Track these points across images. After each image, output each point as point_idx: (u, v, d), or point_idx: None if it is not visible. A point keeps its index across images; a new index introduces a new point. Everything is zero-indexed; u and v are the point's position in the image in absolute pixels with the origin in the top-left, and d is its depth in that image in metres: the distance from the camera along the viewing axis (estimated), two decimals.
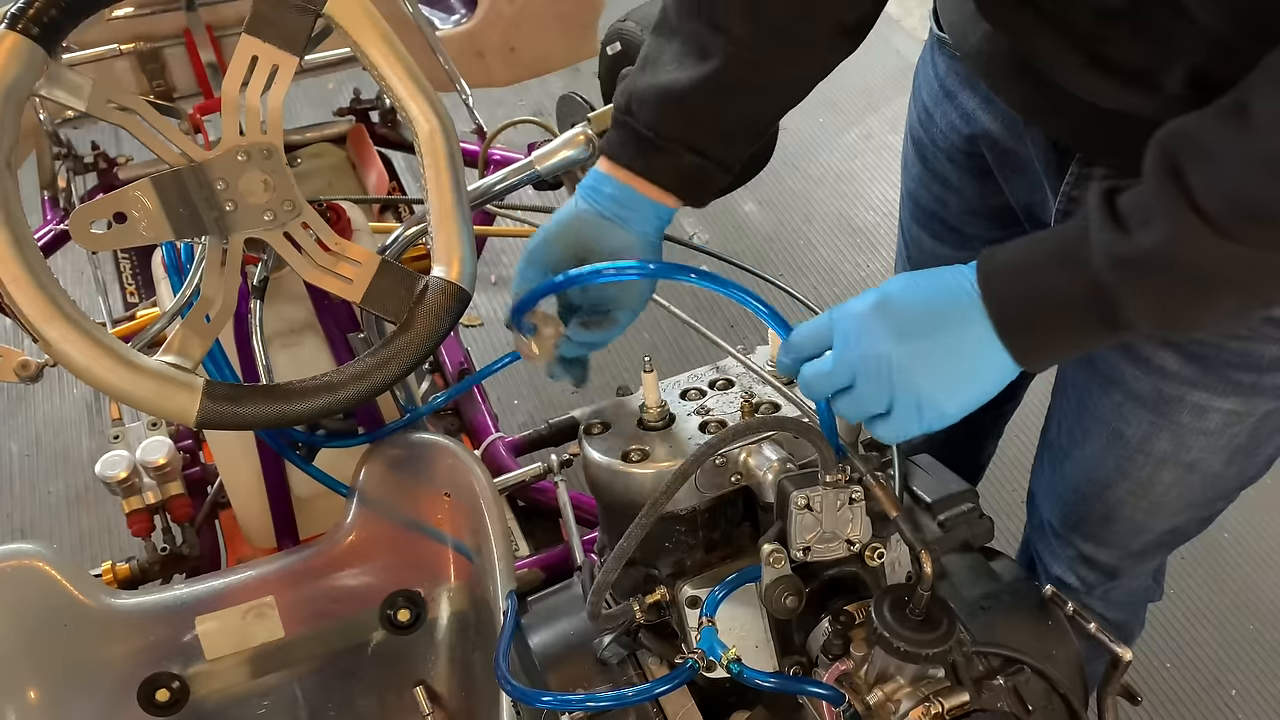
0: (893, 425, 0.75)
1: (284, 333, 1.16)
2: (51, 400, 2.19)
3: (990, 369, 0.72)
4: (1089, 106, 0.79)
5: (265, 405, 0.85)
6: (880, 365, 0.72)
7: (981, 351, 0.71)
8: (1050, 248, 0.69)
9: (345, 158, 1.80)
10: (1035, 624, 0.96)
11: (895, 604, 0.75)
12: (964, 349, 0.71)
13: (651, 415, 0.91)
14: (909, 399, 0.73)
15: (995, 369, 0.72)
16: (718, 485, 0.88)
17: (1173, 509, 1.05)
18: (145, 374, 0.81)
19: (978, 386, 0.72)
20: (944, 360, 0.72)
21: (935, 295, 0.72)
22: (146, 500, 1.27)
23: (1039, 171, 0.92)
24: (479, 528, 1.10)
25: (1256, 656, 1.85)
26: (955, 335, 0.71)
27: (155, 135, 0.85)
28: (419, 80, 0.94)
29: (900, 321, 0.72)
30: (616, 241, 0.91)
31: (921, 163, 1.11)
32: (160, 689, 1.07)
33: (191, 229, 0.86)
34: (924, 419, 0.74)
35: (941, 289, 0.72)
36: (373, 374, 0.90)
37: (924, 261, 1.19)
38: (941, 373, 0.72)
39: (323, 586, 1.13)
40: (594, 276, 0.87)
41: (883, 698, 0.76)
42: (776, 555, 0.80)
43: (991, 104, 0.96)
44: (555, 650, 0.95)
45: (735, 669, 0.77)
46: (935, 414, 0.73)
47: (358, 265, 0.91)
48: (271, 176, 0.89)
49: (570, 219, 0.93)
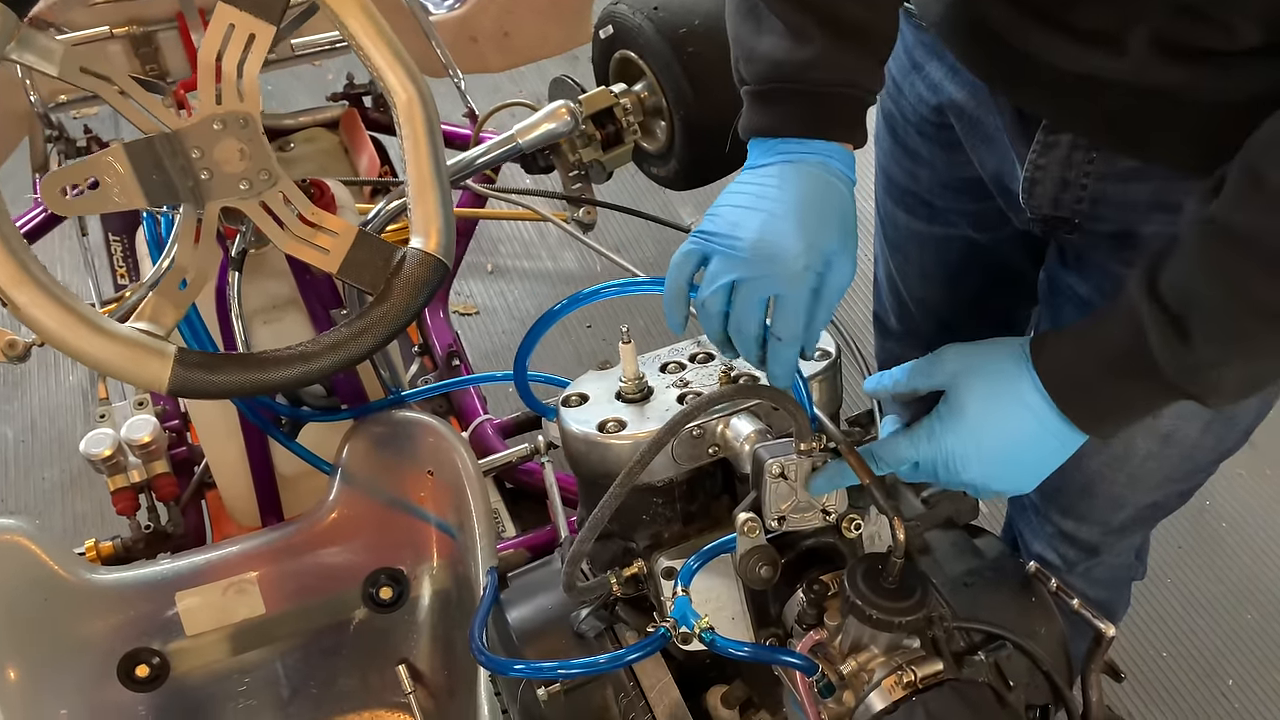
0: None
1: (266, 308, 1.16)
2: (47, 385, 2.19)
3: (1062, 454, 0.78)
4: (1054, 72, 0.78)
5: (239, 373, 0.84)
6: (972, 488, 0.80)
7: (1060, 449, 0.78)
8: (1111, 356, 0.73)
9: (338, 142, 1.79)
10: (1018, 600, 0.95)
11: (869, 572, 0.74)
12: (1045, 456, 0.78)
13: (629, 387, 0.90)
14: (998, 493, 0.81)
15: (1065, 452, 0.78)
16: (695, 457, 0.87)
17: (1151, 481, 1.04)
18: (116, 340, 0.80)
19: (1049, 468, 0.79)
20: (1025, 471, 0.79)
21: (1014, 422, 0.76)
22: (131, 479, 1.27)
23: (1006, 141, 0.91)
24: (461, 505, 1.10)
25: (1254, 646, 1.84)
26: (1037, 448, 0.77)
27: (129, 102, 0.85)
28: (397, 50, 0.93)
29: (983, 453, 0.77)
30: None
31: (892, 136, 1.10)
32: (140, 664, 1.07)
33: (165, 196, 0.85)
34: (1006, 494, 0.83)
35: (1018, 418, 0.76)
36: (349, 344, 0.89)
37: (899, 238, 1.19)
38: (1018, 474, 0.79)
39: (304, 563, 1.13)
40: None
41: (856, 667, 0.75)
42: (751, 524, 0.79)
43: (958, 73, 0.95)
44: (533, 625, 0.94)
45: (708, 638, 0.76)
46: (1013, 492, 0.81)
47: (334, 236, 0.91)
48: (248, 145, 0.88)
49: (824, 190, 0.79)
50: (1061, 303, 0.97)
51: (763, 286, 0.75)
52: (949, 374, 0.78)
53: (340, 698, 1.14)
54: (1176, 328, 0.68)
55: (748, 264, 0.75)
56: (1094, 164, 0.85)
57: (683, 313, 0.81)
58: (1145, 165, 0.82)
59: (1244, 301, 0.66)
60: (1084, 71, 0.76)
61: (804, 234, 0.74)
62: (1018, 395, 0.75)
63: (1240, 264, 0.65)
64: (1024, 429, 0.75)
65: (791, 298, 0.75)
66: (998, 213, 1.00)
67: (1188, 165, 0.78)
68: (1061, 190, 0.88)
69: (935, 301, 1.20)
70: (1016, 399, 0.75)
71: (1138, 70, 0.71)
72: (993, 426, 0.76)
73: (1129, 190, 0.84)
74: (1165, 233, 0.84)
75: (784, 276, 0.74)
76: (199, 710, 1.11)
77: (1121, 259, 0.89)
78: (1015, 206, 0.94)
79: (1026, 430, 0.75)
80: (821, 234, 0.75)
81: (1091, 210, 0.87)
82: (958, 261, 1.14)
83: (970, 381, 0.77)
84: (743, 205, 0.77)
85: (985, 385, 0.76)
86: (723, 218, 0.77)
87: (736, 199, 0.78)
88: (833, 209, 0.76)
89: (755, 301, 0.75)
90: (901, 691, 0.72)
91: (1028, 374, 0.75)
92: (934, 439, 0.77)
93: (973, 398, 0.76)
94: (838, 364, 0.93)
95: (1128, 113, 0.77)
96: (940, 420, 0.77)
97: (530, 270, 2.48)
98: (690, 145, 1.65)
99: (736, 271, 0.75)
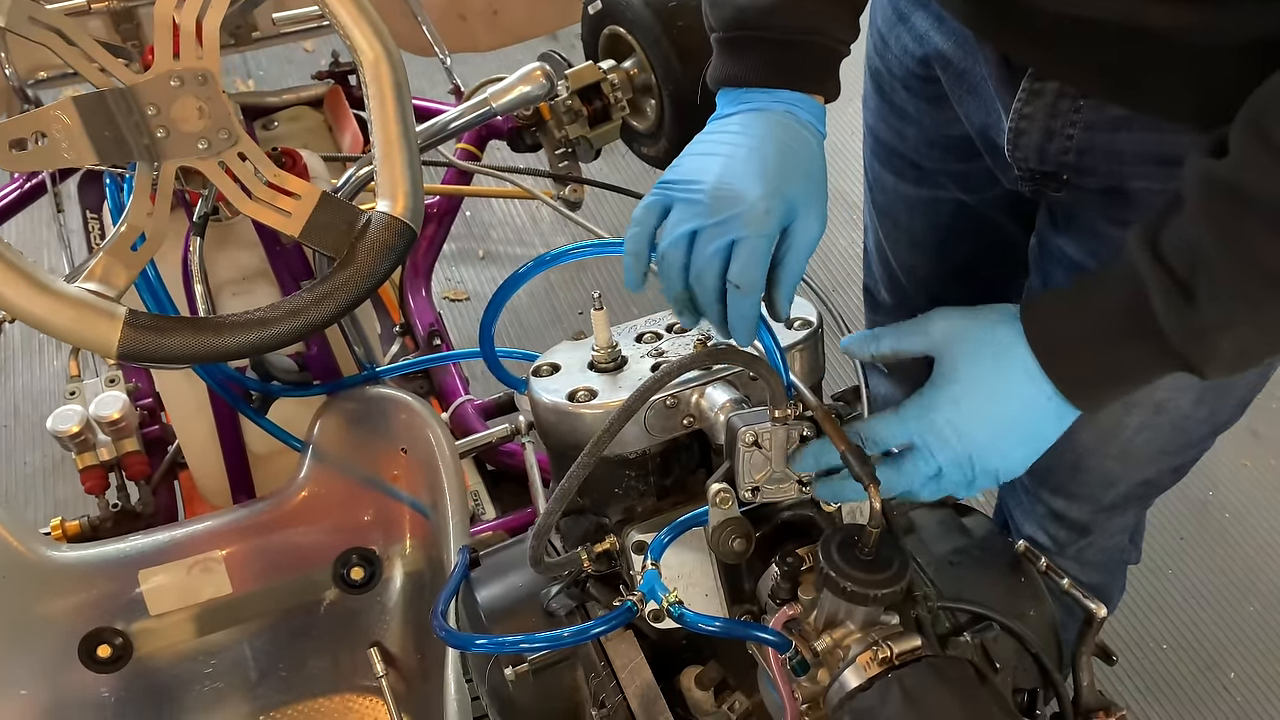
0: (969, 491, 0.77)
1: (236, 280, 1.13)
2: (31, 370, 2.17)
3: (1056, 428, 0.74)
4: (1039, 16, 0.75)
5: (192, 337, 0.81)
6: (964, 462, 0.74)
7: (1055, 422, 0.74)
8: (1109, 317, 0.69)
9: (323, 121, 1.77)
10: (1007, 581, 0.92)
11: (844, 543, 0.71)
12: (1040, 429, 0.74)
13: (601, 356, 0.87)
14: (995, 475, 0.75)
15: (1060, 426, 0.74)
16: (669, 428, 0.83)
17: (1143, 456, 1.01)
18: (63, 300, 0.77)
19: (1043, 444, 0.75)
20: (1019, 445, 0.74)
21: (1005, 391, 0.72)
22: (100, 456, 1.24)
23: (991, 91, 0.88)
24: (435, 484, 1.07)
25: (1257, 639, 1.80)
26: (1030, 419, 0.73)
27: (80, 55, 0.81)
28: (364, 8, 0.90)
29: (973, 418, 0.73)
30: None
31: (879, 94, 1.07)
32: (102, 645, 1.05)
33: (117, 153, 0.82)
34: (1001, 480, 0.77)
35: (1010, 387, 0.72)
36: (308, 310, 0.86)
37: (888, 203, 1.15)
38: (1012, 448, 0.74)
39: (273, 542, 1.10)
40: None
41: (831, 644, 0.71)
42: (724, 495, 0.75)
43: (943, 22, 0.92)
44: (501, 603, 0.91)
45: (676, 612, 0.73)
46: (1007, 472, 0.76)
47: (297, 199, 0.88)
48: (206, 104, 0.85)
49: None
50: (1052, 267, 0.94)
51: (722, 230, 0.72)
52: (938, 338, 0.74)
53: (310, 680, 1.11)
54: (1181, 289, 0.65)
55: (707, 209, 0.72)
56: (1081, 112, 0.82)
57: (641, 268, 0.78)
58: (1134, 114, 0.79)
59: (1251, 265, 0.63)
60: (1072, 13, 0.72)
61: (765, 178, 0.71)
62: (1011, 359, 0.71)
63: (1246, 225, 0.63)
64: (1019, 393, 0.72)
65: (751, 241, 0.71)
66: (986, 173, 0.97)
67: (1179, 112, 0.75)
68: (1047, 140, 0.84)
69: (925, 271, 1.17)
70: (1010, 362, 0.71)
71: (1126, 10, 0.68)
72: (985, 390, 0.72)
73: (1117, 140, 0.81)
74: (1154, 189, 0.81)
75: (744, 219, 0.71)
76: (164, 692, 1.08)
77: (1112, 217, 0.86)
78: (1003, 164, 0.91)
79: (1021, 394, 0.72)
80: (786, 180, 0.72)
81: (1078, 162, 0.84)
82: (947, 226, 1.10)
83: (961, 347, 0.73)
84: (704, 153, 0.75)
85: (977, 349, 0.73)
86: (684, 166, 0.75)
87: (700, 147, 0.76)
88: (798, 157, 0.74)
89: (716, 248, 0.72)
90: (877, 668, 0.68)
91: (1020, 337, 0.71)
92: (925, 411, 0.73)
93: (965, 362, 0.72)
94: (819, 334, 0.89)
95: (1117, 57, 0.74)
96: (934, 388, 0.74)
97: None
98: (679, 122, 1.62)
99: (696, 219, 0.73)
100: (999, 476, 0.75)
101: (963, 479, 0.74)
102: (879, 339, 0.78)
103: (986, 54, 0.86)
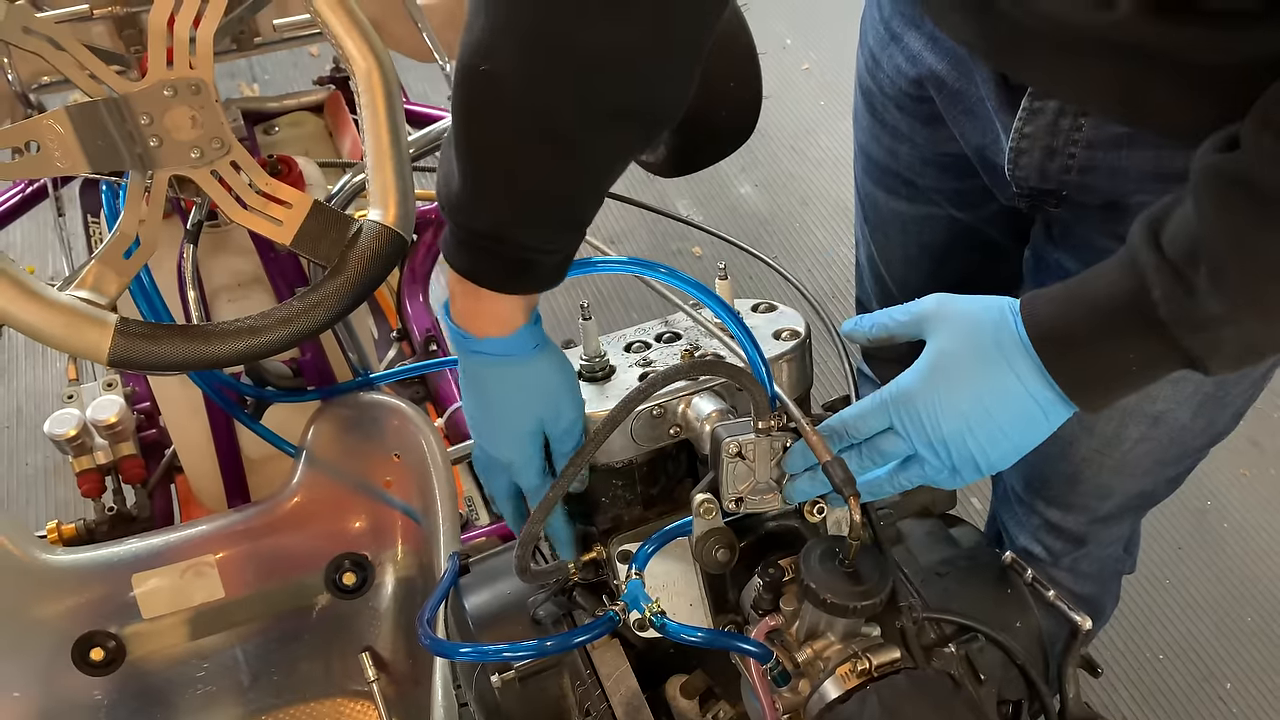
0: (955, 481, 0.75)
1: (231, 287, 1.14)
2: (34, 371, 2.18)
3: (1042, 417, 0.72)
4: (1037, 34, 0.74)
5: (183, 345, 0.82)
6: (940, 446, 0.72)
7: (1039, 410, 0.71)
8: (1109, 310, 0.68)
9: (323, 126, 1.77)
10: (993, 592, 0.92)
11: (825, 554, 0.71)
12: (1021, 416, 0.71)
13: (589, 365, 0.87)
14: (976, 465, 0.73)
15: (1048, 417, 0.72)
16: (655, 438, 0.84)
17: (1140, 468, 1.01)
18: (54, 308, 0.78)
19: (1029, 435, 0.73)
20: (1002, 435, 0.72)
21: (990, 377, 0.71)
22: (97, 460, 1.25)
23: (989, 111, 0.88)
24: (427, 490, 1.07)
25: (1254, 650, 1.80)
26: (1011, 406, 0.71)
27: (73, 64, 0.82)
28: (356, 18, 0.91)
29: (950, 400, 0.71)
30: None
31: (870, 113, 1.06)
32: (95, 648, 1.05)
33: (110, 162, 0.83)
34: (985, 471, 0.74)
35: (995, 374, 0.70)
36: (299, 319, 0.87)
37: (880, 221, 1.15)
38: (992, 436, 0.72)
39: (266, 547, 1.10)
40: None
41: (812, 655, 0.72)
42: (708, 506, 0.76)
43: (937, 42, 0.92)
44: (489, 611, 0.91)
45: (658, 621, 0.73)
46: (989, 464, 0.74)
47: (289, 207, 0.88)
48: (199, 113, 0.86)
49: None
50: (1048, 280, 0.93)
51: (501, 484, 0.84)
52: (929, 319, 0.73)
53: (302, 685, 1.12)
54: (1183, 280, 0.63)
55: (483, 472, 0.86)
56: (1082, 131, 0.81)
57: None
58: (1137, 131, 0.78)
59: (1254, 256, 0.62)
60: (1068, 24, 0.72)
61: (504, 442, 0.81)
62: (1000, 347, 0.70)
63: (1252, 216, 0.62)
64: (1003, 384, 0.70)
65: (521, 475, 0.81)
66: (981, 190, 0.97)
67: (1180, 131, 0.74)
68: (1048, 159, 0.84)
69: (918, 285, 1.17)
70: (999, 351, 0.70)
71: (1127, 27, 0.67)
72: (967, 373, 0.71)
73: (1120, 158, 0.80)
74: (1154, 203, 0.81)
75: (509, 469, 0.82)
76: (156, 695, 1.08)
77: (1109, 231, 0.85)
78: (1000, 182, 0.90)
79: (1006, 386, 0.70)
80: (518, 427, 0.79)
81: (1080, 180, 0.84)
82: (941, 242, 1.10)
83: (950, 330, 0.72)
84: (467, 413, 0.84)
85: (965, 336, 0.71)
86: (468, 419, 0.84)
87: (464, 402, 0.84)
88: (522, 403, 0.79)
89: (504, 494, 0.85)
90: (856, 680, 0.69)
91: (1013, 326, 0.70)
92: (902, 391, 0.72)
93: (952, 345, 0.71)
94: (807, 344, 0.89)
95: (1117, 74, 0.73)
96: (916, 371, 0.72)
97: None
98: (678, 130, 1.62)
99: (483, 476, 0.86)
100: (980, 466, 0.73)
101: (940, 464, 0.72)
102: (874, 318, 0.78)
103: (984, 74, 0.86)
